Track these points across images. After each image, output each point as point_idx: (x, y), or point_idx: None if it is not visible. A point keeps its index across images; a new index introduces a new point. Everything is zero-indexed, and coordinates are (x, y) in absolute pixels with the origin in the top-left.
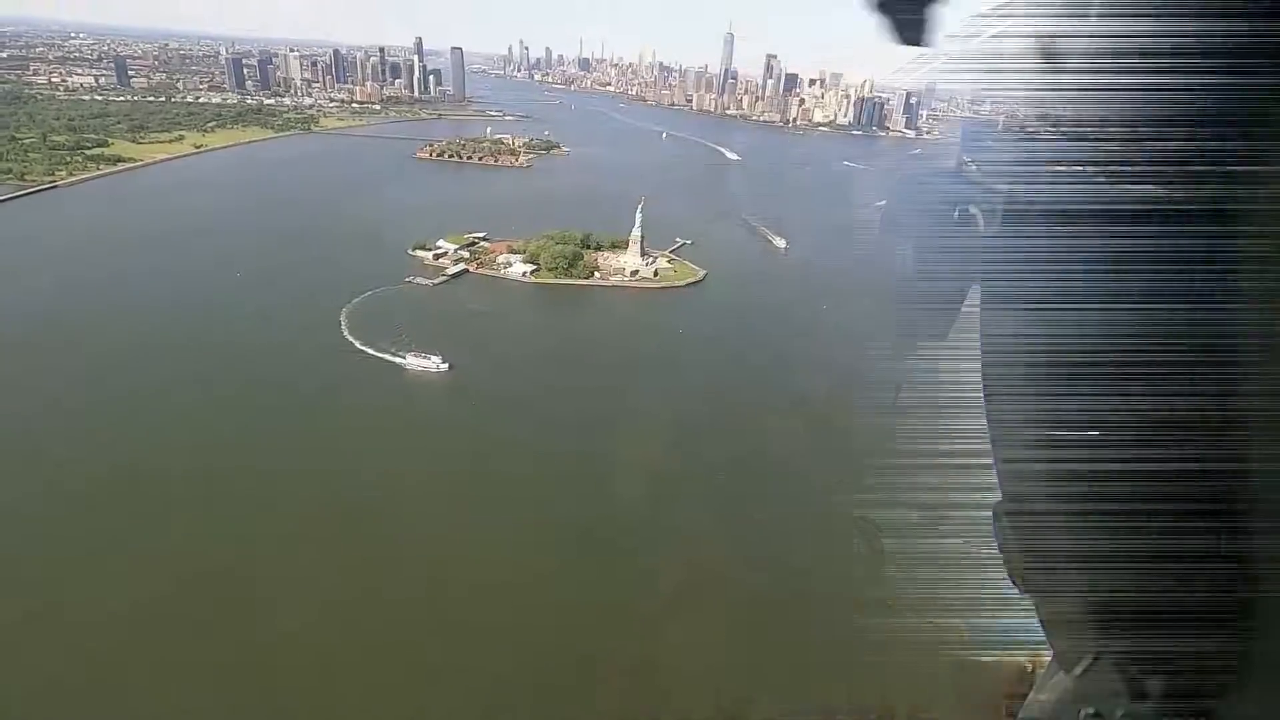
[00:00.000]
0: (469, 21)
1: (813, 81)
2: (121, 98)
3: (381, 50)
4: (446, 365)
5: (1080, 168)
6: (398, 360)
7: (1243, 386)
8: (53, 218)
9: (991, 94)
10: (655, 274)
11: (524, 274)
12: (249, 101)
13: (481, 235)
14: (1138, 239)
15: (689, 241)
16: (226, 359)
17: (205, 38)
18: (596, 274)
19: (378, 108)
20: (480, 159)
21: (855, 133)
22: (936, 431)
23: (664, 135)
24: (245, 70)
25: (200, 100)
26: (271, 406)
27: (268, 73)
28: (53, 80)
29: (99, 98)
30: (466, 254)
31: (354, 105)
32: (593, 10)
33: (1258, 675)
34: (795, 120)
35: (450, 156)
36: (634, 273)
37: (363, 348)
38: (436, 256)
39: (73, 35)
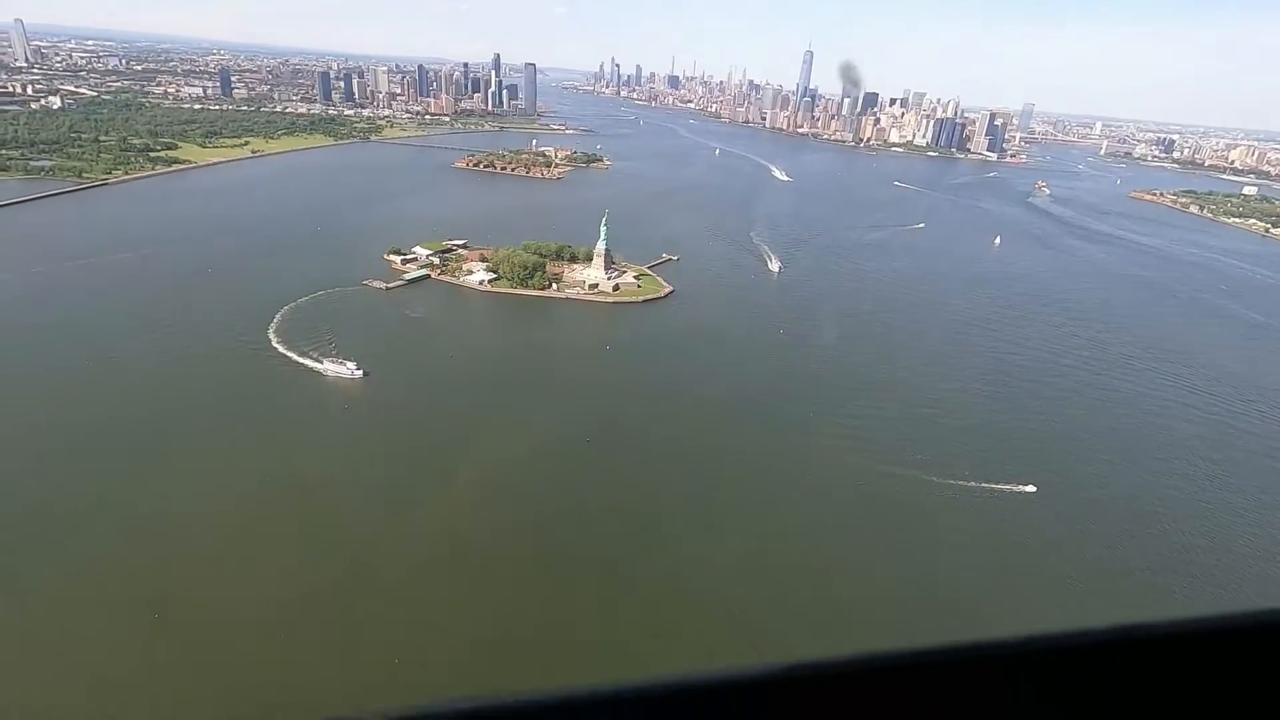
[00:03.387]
0: (579, 41)
1: (893, 101)
2: (218, 106)
3: (465, 65)
4: (361, 372)
5: None
6: (314, 365)
7: None
8: (84, 212)
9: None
10: (616, 288)
11: (481, 282)
12: (330, 112)
13: (460, 243)
14: None
15: (674, 258)
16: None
17: (329, 55)
18: (555, 285)
19: (447, 119)
20: (514, 170)
21: (931, 154)
22: None
23: (716, 152)
24: (333, 83)
25: (285, 110)
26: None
27: (353, 85)
28: (167, 90)
29: (198, 106)
30: (436, 260)
31: (426, 117)
32: (694, 31)
33: None
34: (869, 140)
35: (486, 167)
36: (593, 286)
37: (278, 347)
38: (405, 261)
39: (213, 52)
